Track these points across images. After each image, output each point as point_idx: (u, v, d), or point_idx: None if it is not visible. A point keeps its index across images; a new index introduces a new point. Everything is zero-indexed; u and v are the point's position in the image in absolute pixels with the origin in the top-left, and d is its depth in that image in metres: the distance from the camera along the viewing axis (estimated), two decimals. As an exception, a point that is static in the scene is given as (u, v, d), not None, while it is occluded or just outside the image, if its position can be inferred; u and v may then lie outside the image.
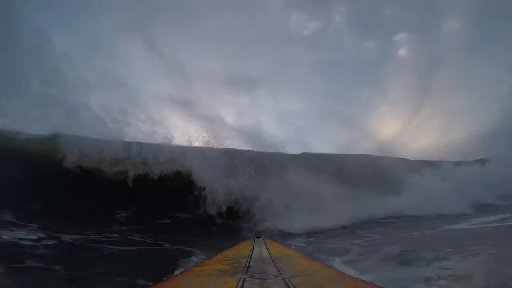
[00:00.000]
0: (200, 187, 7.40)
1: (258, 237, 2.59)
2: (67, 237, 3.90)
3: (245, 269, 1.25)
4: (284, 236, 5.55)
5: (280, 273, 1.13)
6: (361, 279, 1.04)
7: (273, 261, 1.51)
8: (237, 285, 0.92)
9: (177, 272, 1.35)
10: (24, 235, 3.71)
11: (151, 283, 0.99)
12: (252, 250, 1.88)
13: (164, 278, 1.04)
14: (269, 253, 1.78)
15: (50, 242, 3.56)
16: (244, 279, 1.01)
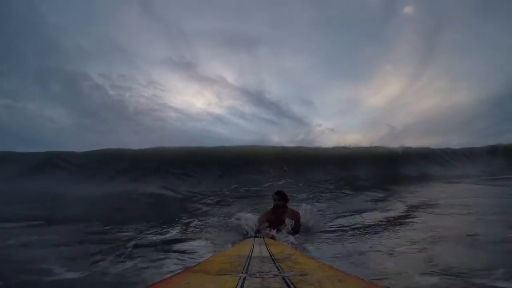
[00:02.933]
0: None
1: (257, 236, 2.57)
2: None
3: (245, 268, 1.23)
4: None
5: (280, 272, 1.12)
6: (363, 279, 1.03)
7: (273, 260, 1.50)
8: (237, 284, 0.91)
9: (176, 271, 1.34)
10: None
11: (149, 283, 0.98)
12: (252, 249, 1.87)
13: (163, 278, 1.03)
14: (269, 252, 1.78)
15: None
16: (244, 278, 1.00)
